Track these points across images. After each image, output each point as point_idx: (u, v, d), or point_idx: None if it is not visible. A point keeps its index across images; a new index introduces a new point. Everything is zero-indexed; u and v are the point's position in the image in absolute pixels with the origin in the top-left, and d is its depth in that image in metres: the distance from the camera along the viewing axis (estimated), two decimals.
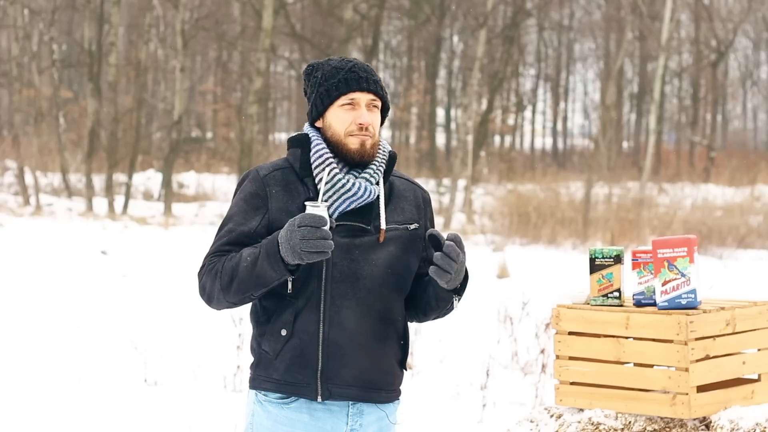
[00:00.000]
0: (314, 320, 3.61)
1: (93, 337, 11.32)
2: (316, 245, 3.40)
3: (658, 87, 31.67)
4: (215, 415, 8.49)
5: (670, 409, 4.22)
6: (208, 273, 3.63)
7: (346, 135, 3.65)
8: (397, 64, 49.94)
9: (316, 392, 3.62)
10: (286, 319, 3.63)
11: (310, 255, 3.42)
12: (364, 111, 3.66)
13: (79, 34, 38.58)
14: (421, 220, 3.78)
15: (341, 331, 3.62)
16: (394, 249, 3.68)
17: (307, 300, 3.61)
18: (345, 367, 3.62)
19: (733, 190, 30.95)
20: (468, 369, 10.23)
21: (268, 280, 3.52)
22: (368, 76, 3.67)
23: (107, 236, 21.84)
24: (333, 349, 3.61)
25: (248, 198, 3.67)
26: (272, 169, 3.70)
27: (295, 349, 3.62)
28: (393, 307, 3.71)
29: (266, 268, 3.50)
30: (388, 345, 3.71)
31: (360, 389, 3.66)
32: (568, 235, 23.30)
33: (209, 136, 46.34)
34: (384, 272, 3.66)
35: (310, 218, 3.42)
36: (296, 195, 3.64)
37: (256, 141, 30.12)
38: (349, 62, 3.70)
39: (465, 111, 31.04)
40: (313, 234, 3.40)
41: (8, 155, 33.09)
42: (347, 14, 31.93)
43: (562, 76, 53.76)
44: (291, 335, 3.62)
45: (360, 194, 3.61)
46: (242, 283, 3.55)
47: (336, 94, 3.66)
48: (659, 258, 4.27)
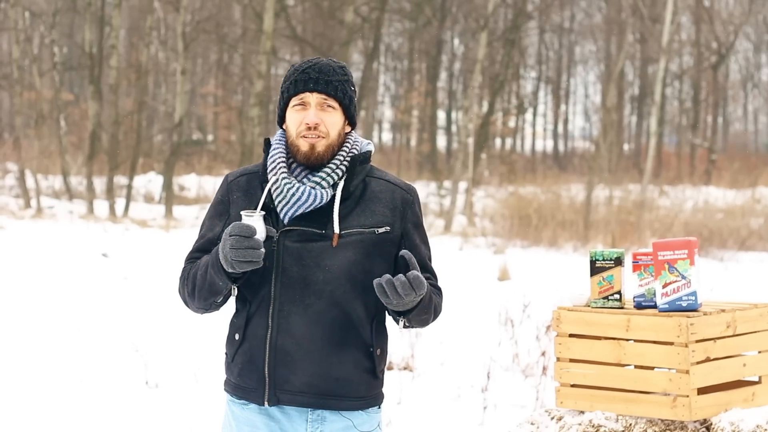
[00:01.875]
0: (263, 325, 3.61)
1: (94, 340, 11.32)
2: (244, 255, 3.42)
3: (659, 89, 31.68)
4: (216, 417, 8.49)
5: (670, 411, 4.22)
6: (181, 279, 3.74)
7: (297, 136, 3.64)
8: (398, 66, 49.96)
9: (263, 397, 3.63)
10: (239, 323, 3.67)
11: (241, 264, 3.44)
12: (311, 111, 3.63)
13: (80, 37, 38.61)
14: (396, 222, 3.68)
15: (289, 337, 3.59)
16: (353, 254, 3.61)
17: (258, 305, 3.62)
18: (294, 374, 3.60)
19: (734, 193, 30.94)
20: (469, 371, 10.23)
21: (218, 288, 3.57)
22: (319, 77, 3.64)
23: (108, 239, 21.85)
24: (280, 355, 3.60)
25: (216, 204, 3.76)
26: (240, 174, 3.76)
27: (245, 354, 3.65)
28: (353, 313, 3.63)
29: (213, 277, 3.55)
30: (346, 352, 3.62)
31: (313, 396, 3.62)
32: (569, 238, 23.30)
33: (210, 139, 46.35)
34: (340, 277, 3.60)
35: (239, 228, 3.44)
36: (254, 200, 3.66)
37: (256, 143, 30.13)
38: (308, 63, 3.69)
39: (466, 113, 31.04)
40: (241, 243, 3.42)
41: (9, 158, 33.11)
42: (348, 17, 31.95)
43: (563, 79, 53.77)
44: (243, 340, 3.66)
45: (304, 199, 3.58)
46: (200, 291, 3.62)
47: (287, 96, 3.68)
48: (660, 260, 4.27)
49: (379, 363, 3.71)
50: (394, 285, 3.44)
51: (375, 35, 35.64)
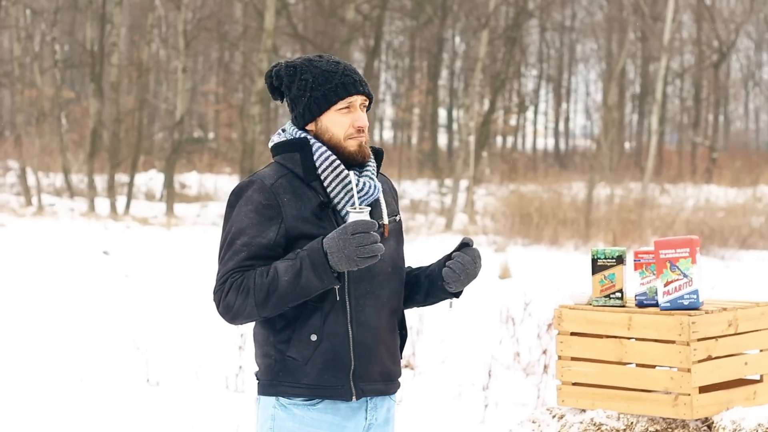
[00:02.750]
0: (342, 322, 3.64)
1: (95, 338, 11.32)
2: (371, 250, 3.48)
3: (660, 88, 31.67)
4: (217, 415, 8.50)
5: (672, 409, 4.22)
6: (235, 291, 3.59)
7: (345, 138, 3.68)
8: (399, 64, 49.95)
9: (350, 393, 3.66)
10: (315, 324, 3.64)
11: (365, 260, 3.50)
12: (361, 114, 3.71)
13: (81, 35, 38.60)
14: (398, 209, 3.86)
15: (366, 329, 3.67)
16: (394, 242, 3.77)
17: (333, 303, 3.63)
18: (372, 365, 3.69)
19: (735, 191, 30.93)
20: (470, 369, 10.23)
21: (313, 291, 3.56)
22: (360, 79, 3.72)
23: (109, 236, 21.85)
24: (362, 349, 3.67)
25: (259, 209, 3.63)
26: (277, 176, 3.68)
27: (326, 353, 3.64)
28: (399, 298, 3.80)
29: (312, 280, 3.53)
30: (395, 336, 3.80)
31: (383, 383, 3.74)
32: (570, 236, 23.30)
33: (211, 137, 46.35)
34: (390, 266, 3.74)
35: (363, 224, 3.49)
36: (306, 200, 3.64)
37: (258, 141, 30.12)
38: (338, 64, 3.72)
39: (467, 111, 31.04)
40: (368, 239, 3.48)
41: (10, 155, 33.11)
42: (349, 15, 31.94)
43: (564, 77, 53.76)
44: (321, 339, 3.64)
45: (370, 192, 3.68)
46: (283, 297, 3.55)
47: (335, 99, 3.67)
48: (661, 259, 4.27)
49: (404, 343, 3.91)
50: (465, 263, 3.73)
51: (376, 33, 35.63)
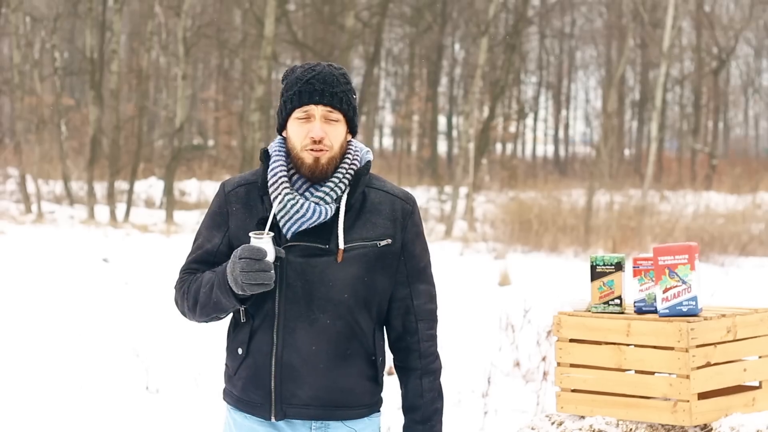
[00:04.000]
0: (268, 341, 3.60)
1: (94, 345, 11.32)
2: (254, 277, 3.42)
3: (660, 94, 31.69)
4: (216, 423, 8.49)
5: (671, 416, 4.22)
6: (179, 291, 3.71)
7: (301, 149, 3.58)
8: (399, 71, 49.98)
9: (269, 412, 3.63)
10: (243, 338, 3.64)
11: (251, 287, 3.44)
12: (316, 124, 3.58)
13: (81, 42, 38.63)
14: (398, 233, 3.66)
15: (295, 352, 3.58)
16: (357, 268, 3.59)
17: (262, 320, 3.60)
18: (301, 388, 3.59)
19: (734, 198, 30.94)
20: (469, 376, 10.23)
21: (223, 307, 3.57)
22: (324, 88, 3.58)
23: (109, 244, 21.85)
24: (287, 370, 3.59)
25: (213, 215, 3.71)
26: (237, 184, 3.68)
27: (249, 369, 3.64)
28: (356, 325, 3.63)
29: (220, 297, 3.55)
30: (351, 363, 3.64)
31: (318, 408, 3.62)
32: (570, 243, 23.30)
33: (211, 144, 46.35)
34: (344, 293, 3.59)
35: (249, 250, 3.43)
36: (255, 213, 3.62)
37: (257, 148, 30.12)
38: (311, 72, 3.61)
39: (467, 118, 31.05)
40: (252, 266, 3.41)
41: (10, 163, 33.11)
42: (349, 22, 31.96)
43: (564, 84, 53.80)
44: (246, 355, 3.64)
45: (309, 216, 3.54)
46: (203, 307, 3.61)
47: (290, 107, 3.61)
48: (660, 265, 4.27)
49: (381, 370, 3.74)
50: None
51: (376, 40, 35.66)
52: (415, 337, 3.74)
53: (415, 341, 3.74)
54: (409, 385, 3.76)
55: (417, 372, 3.75)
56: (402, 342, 3.74)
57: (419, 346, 3.74)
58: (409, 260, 3.70)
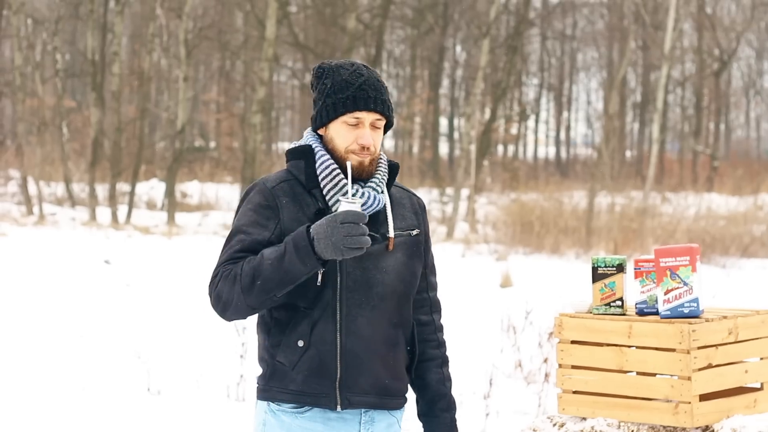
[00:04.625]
0: (331, 330, 3.62)
1: (96, 346, 11.32)
2: (358, 241, 3.44)
3: (661, 96, 31.67)
4: (218, 424, 8.50)
5: (672, 417, 4.22)
6: (224, 279, 3.59)
7: (346, 152, 3.65)
8: (400, 73, 49.98)
9: (335, 402, 3.64)
10: (303, 330, 3.63)
11: (351, 251, 3.45)
12: (367, 131, 3.65)
13: (82, 44, 38.64)
14: (421, 225, 3.82)
15: (357, 339, 3.64)
16: (401, 255, 3.72)
17: (323, 310, 3.62)
18: (362, 376, 3.65)
19: (736, 200, 30.92)
20: (471, 378, 10.22)
21: (296, 275, 3.51)
22: (377, 96, 3.66)
23: (110, 245, 21.85)
24: (350, 358, 3.63)
25: (258, 209, 3.66)
26: (279, 180, 3.70)
27: (312, 360, 3.63)
28: (404, 312, 3.74)
29: (295, 263, 3.49)
30: (398, 351, 3.74)
31: (375, 396, 3.69)
32: (571, 245, 23.29)
33: (212, 146, 46.37)
34: (394, 279, 3.69)
35: (353, 215, 3.44)
36: (305, 206, 3.64)
37: (259, 150, 30.14)
38: (360, 76, 3.67)
39: (468, 120, 31.05)
40: (356, 230, 3.43)
41: (12, 165, 33.13)
42: (350, 23, 31.97)
43: (565, 86, 53.79)
44: (308, 346, 3.63)
45: (370, 203, 3.63)
46: (267, 281, 3.52)
47: (342, 111, 3.65)
48: (662, 267, 4.28)
49: (414, 361, 3.84)
50: None
51: (377, 42, 35.66)
52: (432, 327, 3.88)
53: (432, 331, 3.87)
54: (432, 375, 3.87)
55: (437, 361, 3.88)
56: (420, 334, 3.85)
57: (436, 336, 3.89)
58: (426, 253, 3.85)
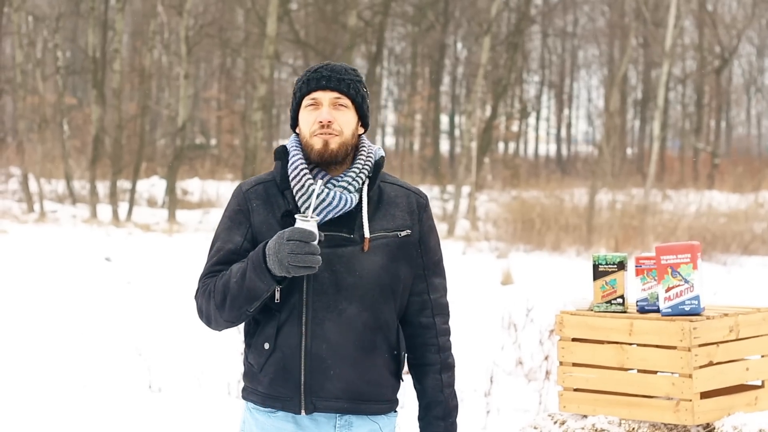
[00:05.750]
0: (296, 333, 3.58)
1: (97, 344, 11.33)
2: (303, 260, 3.39)
3: (662, 93, 31.67)
4: (219, 422, 8.50)
5: (673, 415, 4.22)
6: (203, 295, 3.62)
7: (311, 135, 3.63)
8: (401, 70, 49.96)
9: (299, 406, 3.60)
10: (269, 332, 3.61)
11: (298, 269, 3.40)
12: (324, 109, 3.62)
13: (83, 41, 38.64)
14: (415, 225, 3.71)
15: (324, 343, 3.58)
16: (381, 258, 3.63)
17: (289, 313, 3.58)
18: (329, 380, 3.59)
19: (737, 197, 30.90)
20: (472, 375, 10.22)
21: (258, 293, 3.50)
22: (332, 75, 3.64)
23: (111, 243, 21.85)
24: (316, 362, 3.58)
25: (232, 215, 3.67)
26: (254, 183, 3.69)
27: (277, 363, 3.60)
28: (381, 316, 3.65)
29: (254, 280, 3.48)
30: (376, 355, 3.65)
31: (347, 401, 3.62)
32: (572, 242, 23.29)
33: (213, 143, 46.38)
34: (370, 282, 3.61)
35: (300, 233, 3.40)
36: (276, 208, 3.62)
37: (260, 148, 30.13)
38: (320, 64, 3.70)
39: (469, 118, 31.05)
40: (302, 249, 3.39)
41: (12, 162, 33.12)
42: (351, 21, 31.96)
43: (566, 83, 53.77)
44: (273, 349, 3.60)
45: (335, 204, 3.57)
46: (235, 299, 3.53)
47: (299, 96, 3.66)
48: (663, 264, 4.27)
49: (402, 366, 3.77)
50: None
51: (378, 39, 35.65)
52: (433, 331, 3.77)
53: (433, 335, 3.78)
54: (428, 381, 3.81)
55: (436, 367, 3.80)
56: (419, 338, 3.77)
57: (437, 341, 3.79)
58: (425, 253, 3.75)
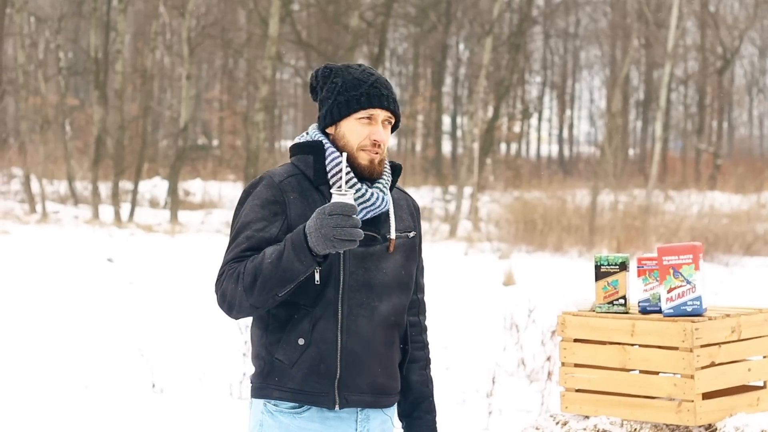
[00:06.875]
0: (332, 329, 3.62)
1: (99, 344, 11.33)
2: (348, 233, 3.40)
3: (664, 94, 31.68)
4: (221, 422, 8.50)
5: (675, 416, 4.22)
6: (229, 278, 3.56)
7: (358, 149, 3.65)
8: (403, 71, 49.97)
9: (333, 401, 3.63)
10: (304, 328, 3.61)
11: (343, 243, 3.41)
12: (380, 128, 3.67)
13: (85, 42, 38.65)
14: (417, 227, 3.84)
15: (358, 339, 3.64)
16: (400, 257, 3.74)
17: (324, 309, 3.61)
18: (360, 375, 3.66)
19: (739, 198, 30.90)
20: (474, 376, 10.23)
21: (295, 274, 3.48)
22: (389, 94, 3.70)
23: (113, 244, 21.87)
24: (350, 357, 3.64)
25: (265, 204, 3.63)
26: (286, 175, 3.67)
27: (313, 359, 3.62)
28: (400, 313, 3.77)
29: (293, 261, 3.46)
30: (394, 350, 3.77)
31: (371, 395, 3.70)
32: (574, 243, 23.29)
33: (215, 144, 46.37)
34: (393, 280, 3.71)
35: (342, 206, 3.41)
36: (312, 202, 3.62)
37: (262, 149, 30.14)
38: (371, 75, 3.71)
39: (471, 118, 31.04)
40: (346, 222, 3.40)
41: (15, 163, 33.13)
42: (353, 22, 31.96)
43: (568, 84, 53.76)
44: (309, 344, 3.61)
45: (377, 204, 3.65)
46: (267, 280, 3.49)
47: (356, 107, 3.66)
48: (664, 265, 4.27)
49: (406, 360, 3.88)
50: None
51: (380, 40, 35.65)
52: (419, 328, 3.92)
53: (418, 332, 3.92)
54: (415, 377, 3.89)
55: (422, 363, 3.92)
56: (406, 335, 3.87)
57: (422, 338, 3.93)
58: (419, 255, 3.89)
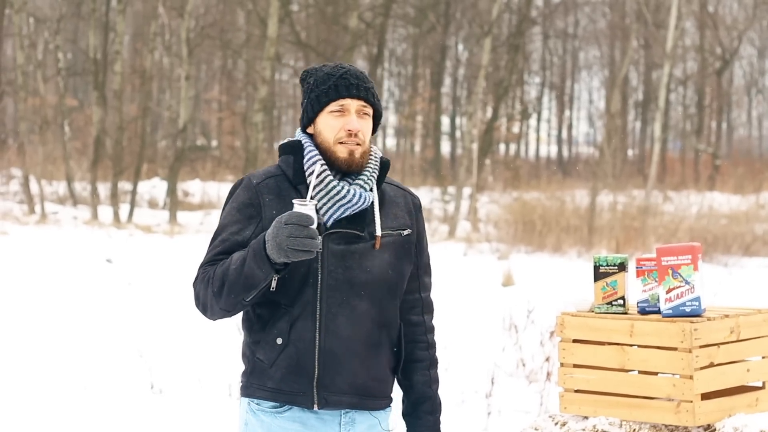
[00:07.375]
0: (310, 328, 3.60)
1: (98, 345, 11.33)
2: (302, 243, 3.39)
3: (663, 95, 31.68)
4: (220, 422, 8.50)
5: (674, 416, 4.22)
6: (201, 282, 3.61)
7: (335, 142, 3.64)
8: (402, 72, 49.97)
9: (312, 401, 3.62)
10: (282, 327, 3.61)
11: (296, 253, 3.40)
12: (353, 117, 3.64)
13: (84, 43, 38.66)
14: (413, 225, 3.79)
15: (336, 338, 3.61)
16: (389, 255, 3.69)
17: (303, 308, 3.60)
18: (340, 375, 3.62)
19: (738, 198, 30.91)
20: (473, 377, 10.23)
21: (256, 281, 3.49)
22: (359, 83, 3.66)
23: (112, 244, 21.86)
24: (329, 357, 3.61)
25: (241, 207, 3.65)
26: (265, 176, 3.68)
27: (290, 358, 3.61)
28: (387, 313, 3.71)
29: (253, 268, 3.47)
30: (381, 352, 3.71)
31: (354, 396, 3.66)
32: (573, 243, 23.29)
33: (214, 145, 46.36)
34: (379, 279, 3.66)
35: (297, 216, 3.40)
36: (289, 202, 3.61)
37: (261, 149, 30.13)
38: (341, 68, 3.69)
39: (470, 119, 31.04)
40: (300, 232, 3.38)
41: (13, 163, 33.13)
42: (352, 22, 31.96)
43: (567, 84, 53.76)
44: (287, 344, 3.61)
45: (354, 201, 3.61)
46: (232, 286, 3.52)
47: (326, 100, 3.65)
48: (663, 266, 4.27)
49: (399, 363, 3.82)
50: None
51: (379, 41, 35.65)
52: (422, 328, 3.85)
53: (422, 332, 3.85)
54: (417, 377, 3.84)
55: (425, 363, 3.86)
56: (408, 335, 3.82)
57: (426, 338, 3.86)
58: (419, 253, 3.83)
